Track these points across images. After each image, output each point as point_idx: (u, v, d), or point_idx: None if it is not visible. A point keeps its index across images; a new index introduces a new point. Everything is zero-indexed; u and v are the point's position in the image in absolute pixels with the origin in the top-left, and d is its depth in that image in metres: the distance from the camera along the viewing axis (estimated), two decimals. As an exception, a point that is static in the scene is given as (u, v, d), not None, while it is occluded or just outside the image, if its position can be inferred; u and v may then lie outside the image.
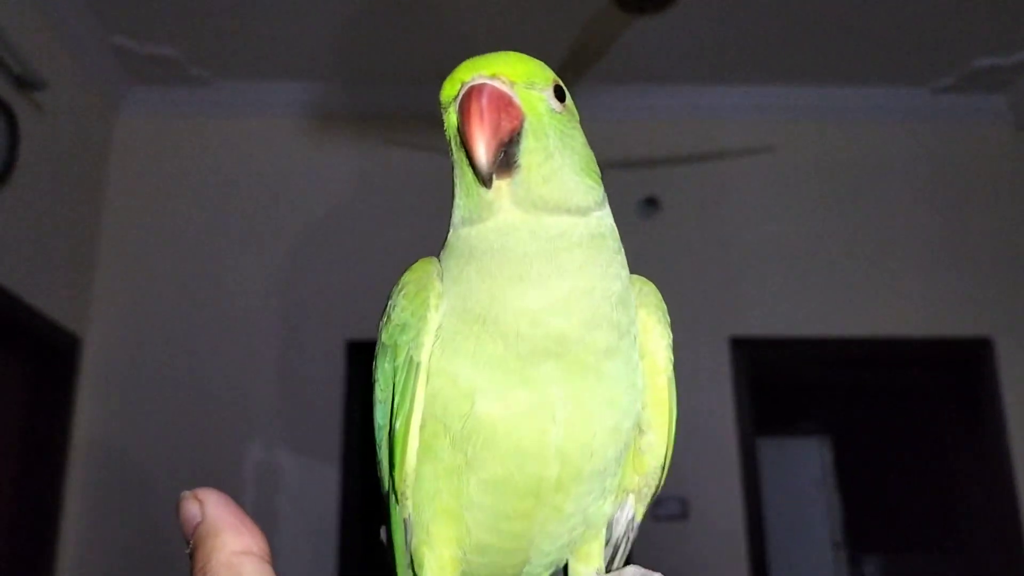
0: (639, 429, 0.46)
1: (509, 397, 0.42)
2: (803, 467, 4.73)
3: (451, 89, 0.44)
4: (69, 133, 2.83)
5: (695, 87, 3.20)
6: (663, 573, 0.45)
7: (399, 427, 0.44)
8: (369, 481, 2.96)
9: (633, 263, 0.47)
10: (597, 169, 0.46)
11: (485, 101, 0.42)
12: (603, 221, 0.44)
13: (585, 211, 0.44)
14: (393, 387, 0.45)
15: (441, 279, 0.45)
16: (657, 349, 0.47)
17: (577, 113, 0.47)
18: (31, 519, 2.62)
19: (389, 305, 0.47)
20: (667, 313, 0.48)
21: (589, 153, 0.46)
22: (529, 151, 0.43)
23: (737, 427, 2.95)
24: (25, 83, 2.46)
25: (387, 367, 0.46)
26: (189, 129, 3.17)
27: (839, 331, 3.07)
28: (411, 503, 0.45)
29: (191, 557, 0.36)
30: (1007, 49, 3.01)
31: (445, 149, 0.47)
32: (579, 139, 0.46)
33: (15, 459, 2.61)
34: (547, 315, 0.41)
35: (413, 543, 0.46)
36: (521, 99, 0.43)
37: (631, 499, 0.49)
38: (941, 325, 3.09)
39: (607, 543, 0.48)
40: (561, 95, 0.46)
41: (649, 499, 0.49)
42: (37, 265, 2.62)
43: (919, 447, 3.58)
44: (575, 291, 0.42)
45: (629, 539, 0.50)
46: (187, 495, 0.38)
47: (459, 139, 0.43)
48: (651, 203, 3.07)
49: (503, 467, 0.42)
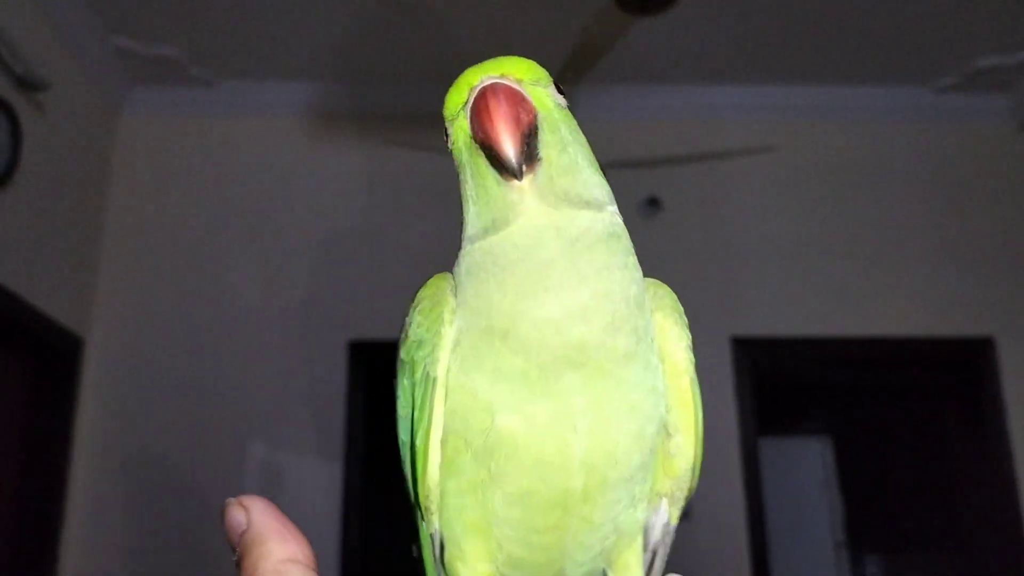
0: (666, 432, 0.46)
1: (529, 409, 0.41)
2: (805, 467, 4.73)
3: (458, 96, 0.45)
4: (71, 134, 2.83)
5: (696, 87, 3.20)
6: (672, 574, 0.45)
7: (419, 442, 0.44)
8: (370, 481, 2.98)
9: (634, 263, 0.46)
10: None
11: (502, 97, 0.42)
12: (616, 219, 0.44)
13: (601, 205, 0.44)
14: (412, 403, 0.45)
15: (455, 294, 0.45)
16: (676, 351, 0.46)
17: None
18: (34, 520, 2.62)
19: (406, 322, 0.47)
20: (684, 315, 0.47)
21: (591, 150, 0.46)
22: (547, 144, 0.43)
23: (739, 427, 2.95)
24: (27, 84, 2.47)
25: (406, 383, 0.46)
26: (191, 129, 3.17)
27: (841, 331, 3.07)
28: (437, 518, 0.45)
29: (237, 565, 0.37)
30: (1010, 49, 3.00)
31: (445, 149, 0.47)
32: (582, 135, 0.46)
33: (17, 460, 2.62)
34: (568, 323, 0.41)
35: (446, 558, 0.45)
36: (531, 95, 0.44)
37: (664, 503, 0.48)
38: (943, 325, 3.09)
39: (644, 548, 0.48)
40: (561, 92, 0.46)
41: (682, 502, 0.48)
42: (39, 266, 2.62)
43: (921, 447, 3.58)
44: (595, 296, 0.41)
45: (666, 543, 0.49)
46: (232, 502, 0.39)
47: (475, 142, 0.43)
48: (653, 203, 3.08)
49: (527, 480, 0.42)
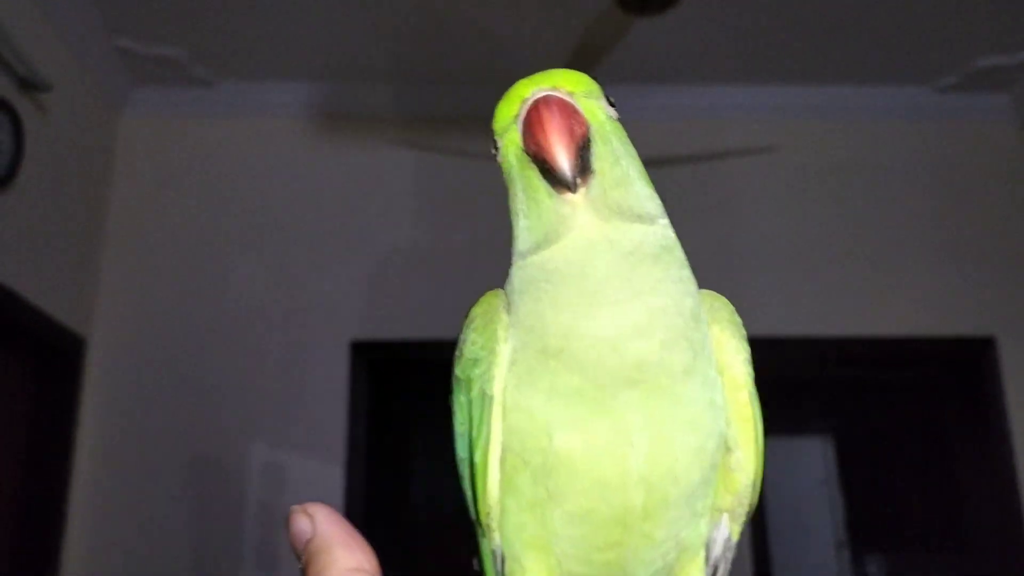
0: (726, 447, 0.45)
1: (586, 428, 0.41)
2: (806, 466, 4.73)
3: (509, 109, 0.44)
4: (73, 134, 2.84)
5: (697, 87, 3.20)
6: None
7: (478, 461, 0.44)
8: (372, 481, 2.98)
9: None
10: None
11: (555, 109, 0.42)
12: (668, 231, 0.44)
13: (653, 219, 0.43)
14: (470, 420, 0.45)
15: (508, 311, 0.45)
16: (734, 363, 0.46)
17: None
18: (36, 521, 2.62)
19: (460, 340, 0.47)
20: (742, 327, 0.47)
21: (642, 163, 0.46)
22: (599, 156, 0.43)
23: (740, 427, 2.95)
24: (29, 85, 2.47)
25: (463, 400, 0.46)
26: (193, 130, 3.18)
27: (842, 330, 3.07)
28: (498, 535, 0.45)
29: (303, 573, 0.37)
30: (1011, 48, 3.00)
31: (448, 149, 0.47)
32: (633, 148, 0.46)
33: (20, 461, 2.62)
34: (625, 340, 0.40)
35: (507, 574, 0.45)
36: (583, 107, 0.43)
37: (725, 518, 0.48)
38: (943, 324, 3.09)
39: (706, 563, 0.48)
40: (612, 104, 0.46)
41: (743, 518, 0.48)
42: (41, 266, 2.63)
43: (922, 446, 3.58)
44: (651, 311, 0.41)
45: (727, 559, 0.49)
46: (297, 509, 0.39)
47: (527, 155, 0.43)
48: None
49: (586, 499, 0.42)
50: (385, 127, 3.16)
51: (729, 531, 0.48)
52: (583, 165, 0.42)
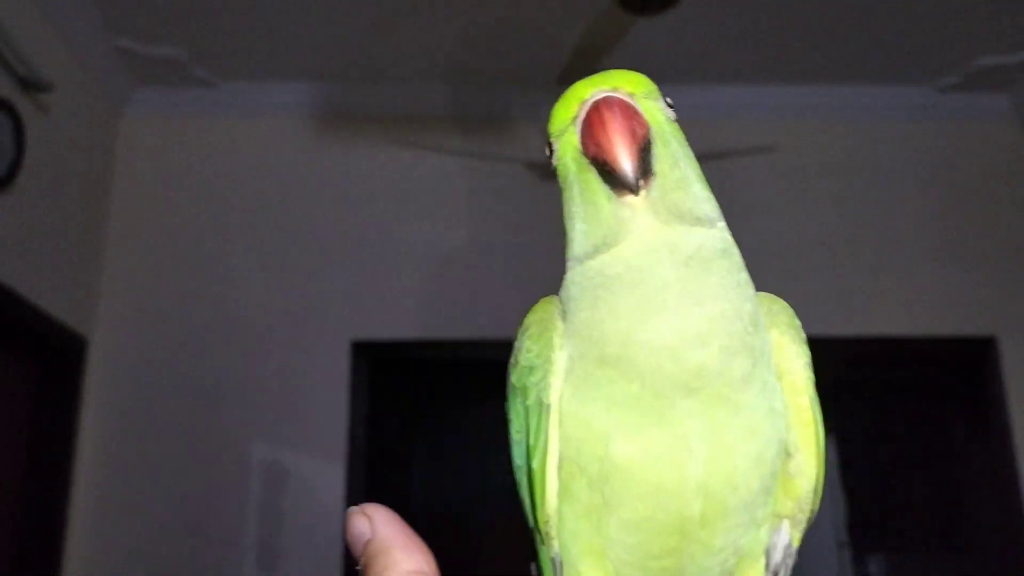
0: (786, 453, 0.45)
1: (645, 437, 0.40)
2: (807, 466, 4.71)
3: (566, 111, 0.44)
4: (74, 134, 2.84)
5: (698, 87, 3.20)
6: None
7: (536, 468, 0.44)
8: (373, 481, 2.98)
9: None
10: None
11: (616, 110, 0.42)
12: (726, 235, 0.44)
13: (712, 221, 0.43)
14: (527, 428, 0.45)
15: (563, 318, 0.44)
16: (795, 368, 0.45)
17: None
18: (37, 521, 2.63)
19: (515, 347, 0.46)
20: (801, 331, 0.46)
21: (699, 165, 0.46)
22: (660, 158, 0.42)
23: (741, 426, 2.95)
24: (30, 85, 2.48)
25: (519, 407, 0.45)
26: (194, 130, 3.18)
27: (842, 330, 3.07)
28: (557, 543, 0.44)
29: (361, 575, 0.37)
30: (1012, 48, 3.00)
31: (449, 149, 0.47)
32: (691, 149, 0.45)
33: (21, 461, 2.62)
34: (685, 349, 0.40)
35: None
36: (642, 108, 0.43)
37: (786, 524, 0.47)
38: (944, 324, 3.09)
39: (766, 569, 0.47)
40: (670, 106, 0.46)
41: (804, 524, 0.47)
42: (43, 266, 2.63)
43: (923, 446, 3.58)
44: (711, 318, 0.40)
45: (787, 565, 0.48)
46: (356, 510, 0.39)
47: (586, 157, 0.42)
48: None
49: (643, 507, 0.41)
50: (386, 127, 3.16)
51: (790, 537, 0.47)
52: (644, 167, 0.41)
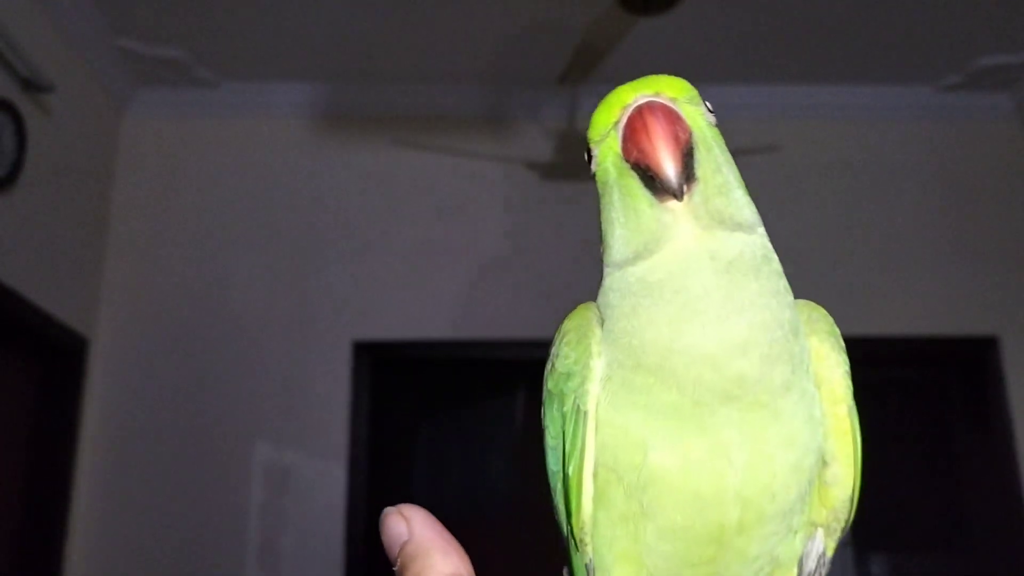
0: (823, 461, 0.44)
1: (684, 446, 0.40)
2: (809, 466, 4.71)
3: (607, 116, 0.43)
4: (76, 135, 2.84)
5: (699, 87, 3.16)
6: None
7: (572, 475, 0.43)
8: (374, 481, 2.98)
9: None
10: None
11: (660, 115, 0.41)
12: (766, 241, 0.44)
13: (752, 227, 0.43)
14: (563, 434, 0.44)
15: (601, 324, 0.44)
16: (833, 377, 0.45)
17: None
18: (39, 521, 2.63)
19: (552, 353, 0.46)
20: (840, 339, 0.46)
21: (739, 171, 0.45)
22: (702, 163, 0.42)
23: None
24: (32, 86, 2.48)
25: (556, 414, 0.45)
26: (195, 130, 3.18)
27: (844, 329, 3.04)
28: (591, 549, 0.44)
29: None
30: (1014, 47, 3.00)
31: (450, 149, 0.46)
32: (731, 155, 0.45)
33: (23, 461, 2.63)
34: (725, 358, 0.39)
35: None
36: (684, 113, 0.43)
37: (820, 533, 0.46)
38: (946, 324, 3.09)
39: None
40: (711, 111, 0.45)
41: (839, 533, 0.47)
42: (44, 266, 2.63)
43: (925, 446, 3.58)
44: (752, 327, 0.40)
45: (822, 574, 0.48)
46: (392, 511, 0.38)
47: (628, 162, 0.42)
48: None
49: (681, 515, 0.41)
50: (387, 127, 3.16)
51: (824, 546, 0.47)
52: (687, 172, 0.41)
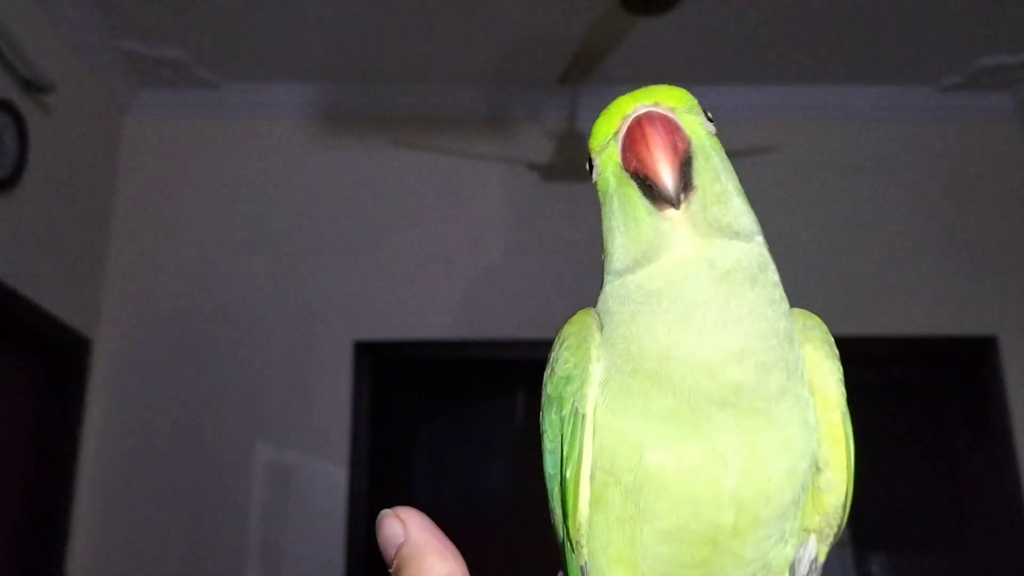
0: (816, 467, 0.45)
1: (680, 449, 0.41)
2: (809, 466, 4.71)
3: (607, 127, 0.44)
4: (77, 136, 2.85)
5: (700, 87, 3.18)
6: None
7: (569, 477, 0.44)
8: (375, 481, 2.98)
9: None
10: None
11: (658, 124, 0.42)
12: (764, 249, 0.44)
13: (750, 236, 0.44)
14: (561, 438, 0.45)
15: (600, 330, 0.44)
16: (827, 384, 0.46)
17: None
18: (41, 521, 2.63)
19: (552, 357, 0.47)
20: (835, 347, 0.47)
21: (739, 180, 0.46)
22: (700, 171, 0.43)
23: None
24: (33, 86, 2.48)
25: (554, 418, 0.45)
26: (197, 131, 3.19)
27: (844, 330, 3.04)
28: (587, 552, 0.45)
29: None
30: (1014, 47, 3.00)
31: (450, 150, 0.47)
32: (731, 163, 0.46)
33: (25, 461, 2.63)
34: (722, 365, 0.40)
35: None
36: (684, 123, 0.44)
37: (812, 539, 0.47)
38: (946, 324, 3.09)
39: None
40: (710, 120, 0.46)
41: (831, 539, 0.47)
42: (46, 267, 2.64)
43: (924, 446, 3.58)
44: (748, 335, 0.41)
45: None
46: (388, 514, 0.39)
47: (627, 171, 0.43)
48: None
49: (677, 517, 0.42)
50: (388, 128, 3.17)
51: (816, 551, 0.48)
52: (685, 181, 0.42)
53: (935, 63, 3.10)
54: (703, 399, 0.40)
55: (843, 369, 0.49)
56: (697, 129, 0.45)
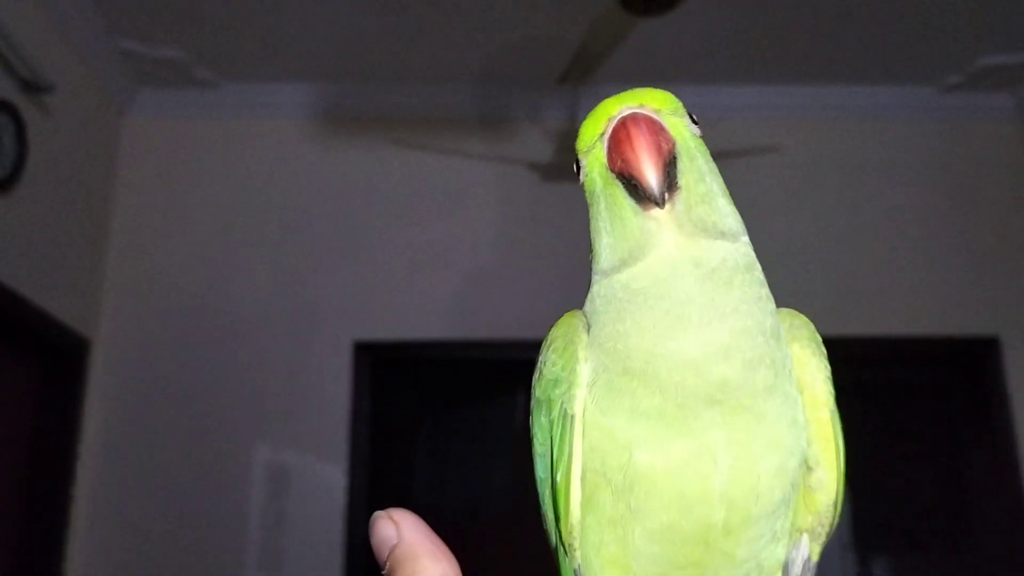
0: (807, 466, 0.45)
1: (669, 447, 0.41)
2: (810, 467, 4.70)
3: (594, 129, 0.44)
4: (77, 136, 2.84)
5: (700, 87, 3.20)
6: None
7: (560, 480, 0.44)
8: (374, 482, 2.98)
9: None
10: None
11: (643, 126, 0.42)
12: (749, 249, 0.45)
13: (735, 236, 0.44)
14: (551, 440, 0.45)
15: (587, 331, 0.45)
16: (815, 382, 0.46)
17: None
18: (40, 521, 2.63)
19: (540, 360, 0.47)
20: (822, 346, 0.47)
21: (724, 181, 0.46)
22: (685, 172, 0.43)
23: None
24: (33, 87, 2.48)
25: (543, 421, 0.46)
26: (196, 131, 3.19)
27: (845, 330, 3.06)
28: (580, 555, 0.45)
29: None
30: (1016, 47, 3.00)
31: (450, 150, 0.47)
32: (715, 165, 0.46)
33: (24, 462, 2.63)
34: (708, 363, 0.40)
35: None
36: (668, 124, 0.44)
37: (805, 539, 0.47)
38: (948, 324, 3.08)
39: None
40: (695, 122, 0.46)
41: (824, 538, 0.47)
42: (46, 267, 2.63)
43: (926, 447, 3.58)
44: (734, 333, 0.41)
45: None
46: (382, 515, 0.39)
47: (612, 172, 0.43)
48: (657, 203, 3.07)
49: (667, 516, 0.42)
50: (388, 128, 3.16)
51: (809, 551, 0.47)
52: (669, 181, 0.42)
53: (937, 63, 3.09)
54: (690, 396, 0.40)
55: (844, 369, 0.49)
56: (682, 130, 0.45)
